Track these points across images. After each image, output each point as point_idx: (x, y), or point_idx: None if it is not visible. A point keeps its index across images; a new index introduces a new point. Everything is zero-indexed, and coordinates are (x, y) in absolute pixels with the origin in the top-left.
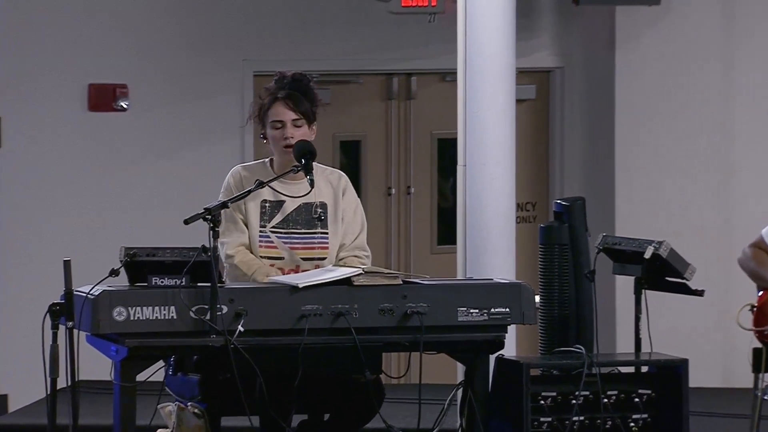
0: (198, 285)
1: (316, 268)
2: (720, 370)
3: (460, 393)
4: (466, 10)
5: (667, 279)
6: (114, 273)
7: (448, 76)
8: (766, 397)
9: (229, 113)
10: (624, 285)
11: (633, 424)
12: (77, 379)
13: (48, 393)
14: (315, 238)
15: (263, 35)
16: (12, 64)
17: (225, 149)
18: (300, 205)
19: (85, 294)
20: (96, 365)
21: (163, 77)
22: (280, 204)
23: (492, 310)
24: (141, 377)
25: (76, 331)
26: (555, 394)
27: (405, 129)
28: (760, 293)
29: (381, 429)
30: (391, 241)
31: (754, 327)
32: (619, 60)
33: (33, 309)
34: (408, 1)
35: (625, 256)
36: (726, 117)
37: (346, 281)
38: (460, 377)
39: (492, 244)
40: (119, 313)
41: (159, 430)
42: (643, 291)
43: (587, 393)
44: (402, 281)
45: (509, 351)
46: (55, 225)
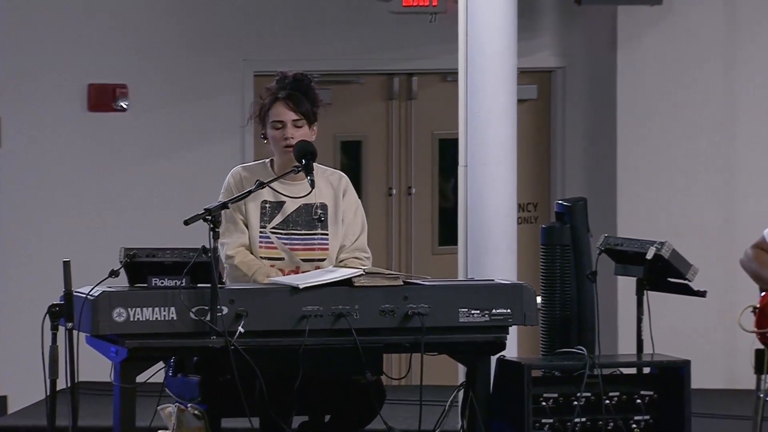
0: (198, 286)
1: (316, 269)
2: (722, 371)
3: (461, 394)
4: (467, 9)
5: (669, 280)
6: (114, 274)
7: (449, 76)
8: None
9: (230, 113)
10: (626, 286)
11: (635, 425)
12: (77, 381)
13: (47, 394)
14: (315, 239)
15: (263, 35)
16: (12, 64)
17: (225, 149)
18: (300, 206)
19: (85, 295)
20: (96, 366)
21: (163, 77)
22: (280, 205)
23: (493, 311)
24: (141, 378)
25: (75, 332)
26: (556, 395)
27: (406, 129)
28: (762, 294)
29: (382, 430)
30: (392, 242)
31: (756, 329)
32: (621, 60)
33: (32, 310)
34: (409, 1)
35: (627, 256)
36: (727, 117)
37: (346, 282)
38: (461, 378)
39: (493, 244)
40: (119, 314)
41: (159, 431)
42: (645, 292)
43: (589, 394)
44: (403, 282)
45: (510, 352)
46: (55, 225)
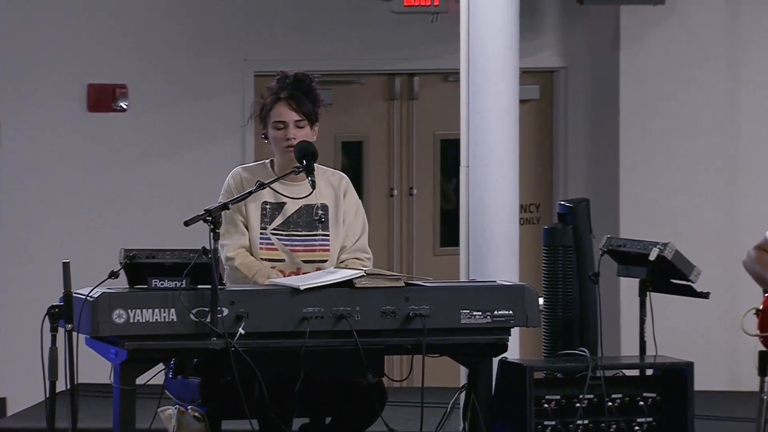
0: (198, 287)
1: (317, 270)
2: (725, 373)
3: (463, 396)
4: (469, 9)
5: (672, 281)
6: (113, 275)
7: (450, 76)
8: None
9: (230, 113)
10: (628, 287)
11: (638, 427)
12: (76, 382)
13: (47, 396)
14: (316, 240)
15: (264, 35)
16: (12, 64)
17: (225, 150)
18: (301, 207)
19: (85, 296)
20: (95, 368)
21: (163, 77)
22: (280, 206)
23: (495, 312)
24: (141, 380)
25: (75, 334)
26: (559, 397)
27: (407, 129)
28: (765, 296)
29: None
30: (394, 243)
31: (759, 331)
32: (624, 60)
33: (32, 311)
34: (410, 1)
35: (630, 258)
36: (731, 117)
37: (347, 283)
38: (463, 380)
39: (495, 245)
40: (119, 316)
41: None
42: (648, 293)
43: (591, 396)
44: (404, 283)
45: (513, 354)
46: (55, 226)
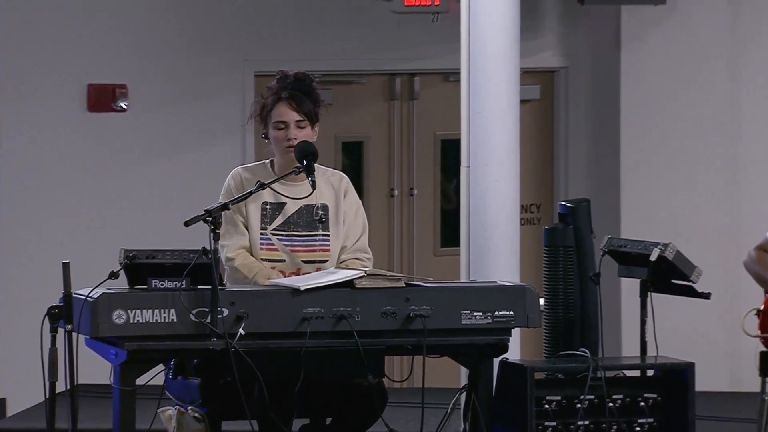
0: (198, 288)
1: (317, 270)
2: (727, 373)
3: (463, 397)
4: (469, 9)
5: (673, 282)
6: (113, 275)
7: (451, 76)
8: None
9: (230, 113)
10: (629, 288)
11: (639, 428)
12: (76, 383)
13: (47, 397)
14: (316, 240)
15: (264, 35)
16: (11, 64)
17: (226, 150)
18: (301, 207)
19: (84, 297)
20: (95, 369)
21: (163, 77)
22: (281, 206)
23: (496, 313)
24: (141, 381)
25: (75, 334)
26: (560, 398)
27: (408, 130)
28: (766, 296)
29: None
30: (394, 243)
31: (760, 332)
32: (625, 60)
33: (32, 311)
34: (411, 1)
35: (631, 258)
36: (731, 117)
37: (348, 284)
38: (463, 381)
39: (496, 246)
40: (119, 316)
41: None
42: (649, 294)
43: (592, 397)
44: (405, 284)
45: (513, 354)
46: (55, 226)
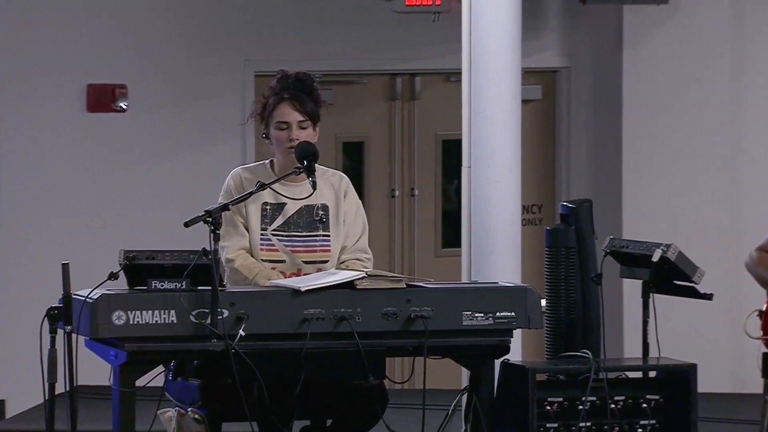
0: (198, 288)
1: (318, 271)
2: (729, 375)
3: (464, 398)
4: (470, 9)
5: (676, 282)
6: (113, 276)
7: (452, 76)
8: None
9: (230, 114)
10: (631, 289)
11: (641, 429)
12: (76, 384)
13: (46, 398)
14: (317, 240)
15: (265, 35)
16: (11, 64)
17: (226, 150)
18: (301, 208)
19: (84, 298)
20: (95, 370)
21: (163, 77)
22: (281, 206)
23: (497, 314)
24: (140, 382)
25: (74, 336)
26: (561, 399)
27: (409, 130)
28: None
29: None
30: (395, 244)
31: (762, 333)
32: (627, 60)
33: (31, 312)
34: (412, 0)
35: (633, 259)
36: (734, 117)
37: (348, 285)
38: (464, 382)
39: (497, 246)
40: (118, 317)
41: None
42: (651, 295)
43: (594, 398)
44: (406, 285)
45: (515, 356)
46: (54, 226)
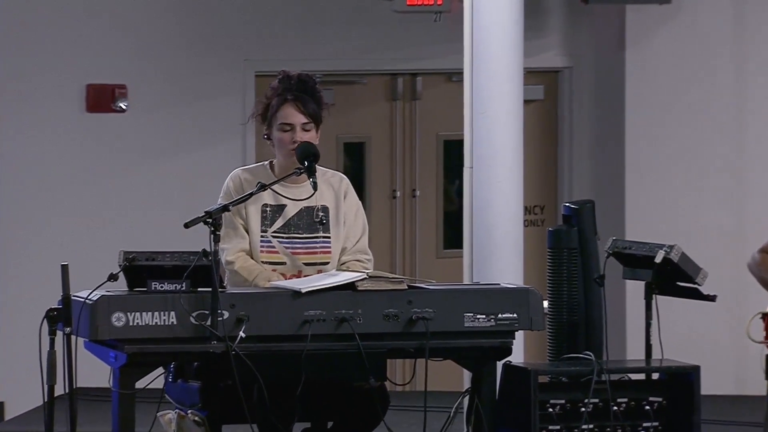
0: (198, 290)
1: (318, 272)
2: (732, 377)
3: (466, 400)
4: (472, 8)
5: (679, 284)
6: (113, 277)
7: (454, 76)
8: None
9: (230, 114)
10: (634, 290)
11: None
12: (75, 386)
13: (45, 400)
14: (317, 242)
15: (265, 35)
16: (11, 64)
17: (226, 150)
18: (301, 209)
19: (83, 299)
20: (94, 372)
21: (163, 78)
22: (281, 208)
23: (499, 315)
24: (140, 384)
25: (74, 337)
26: (564, 401)
27: (410, 130)
28: None
29: None
30: (396, 245)
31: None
32: (629, 60)
33: (30, 313)
34: (413, 0)
35: (636, 260)
36: (737, 117)
37: (349, 286)
38: (466, 384)
39: (499, 248)
40: (118, 319)
41: None
42: (654, 296)
43: (597, 400)
44: (407, 286)
45: (517, 357)
46: (54, 227)
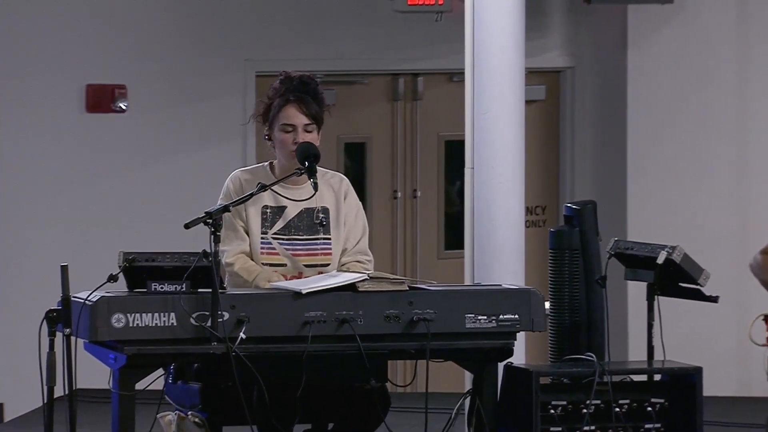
0: (198, 291)
1: (319, 274)
2: (735, 378)
3: (467, 402)
4: (473, 8)
5: (681, 285)
6: (112, 278)
7: (455, 76)
8: None
9: (231, 114)
10: (636, 291)
11: None
12: (75, 388)
13: (45, 402)
14: (318, 244)
15: (265, 35)
16: (10, 64)
17: (226, 151)
18: (302, 211)
19: (83, 300)
20: (94, 373)
21: (163, 78)
22: (281, 210)
23: (501, 316)
24: (140, 385)
25: (73, 338)
26: (565, 402)
27: (411, 130)
28: None
29: None
30: (397, 246)
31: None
32: (632, 60)
33: (30, 315)
34: (414, 0)
35: (638, 261)
36: (740, 117)
37: (350, 287)
38: (467, 386)
39: (500, 248)
40: (118, 320)
41: None
42: (656, 297)
43: (598, 402)
44: (408, 287)
45: (518, 359)
46: (53, 228)
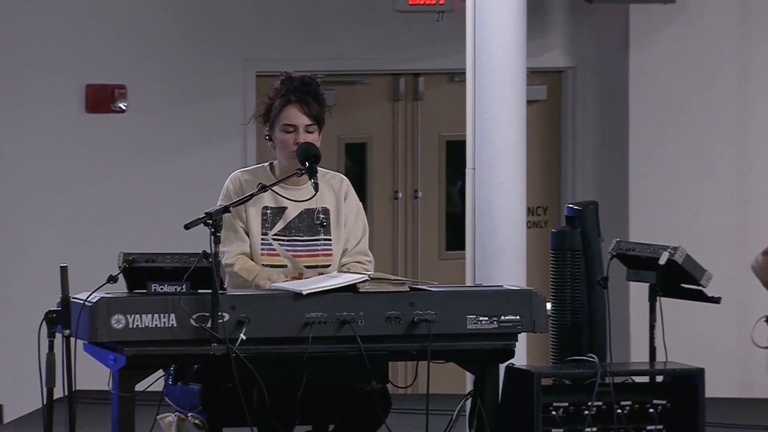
0: (199, 292)
1: (319, 275)
2: (737, 379)
3: (469, 403)
4: (474, 8)
5: (683, 286)
6: (112, 279)
7: (456, 76)
8: None
9: (231, 115)
10: (638, 292)
11: None
12: (74, 389)
13: (44, 403)
14: (318, 245)
15: (266, 35)
16: (10, 64)
17: (227, 151)
18: (302, 212)
19: (83, 301)
20: (94, 374)
21: (163, 78)
22: (281, 210)
23: (502, 317)
24: (140, 387)
25: (73, 340)
26: (567, 404)
27: (412, 131)
28: None
29: None
30: (398, 247)
31: None
32: (633, 60)
33: (29, 316)
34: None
35: (640, 262)
36: (742, 117)
37: (351, 288)
38: (469, 387)
39: (502, 249)
40: (118, 321)
41: None
42: (658, 298)
43: (600, 403)
44: (409, 288)
45: (520, 360)
46: (52, 229)
